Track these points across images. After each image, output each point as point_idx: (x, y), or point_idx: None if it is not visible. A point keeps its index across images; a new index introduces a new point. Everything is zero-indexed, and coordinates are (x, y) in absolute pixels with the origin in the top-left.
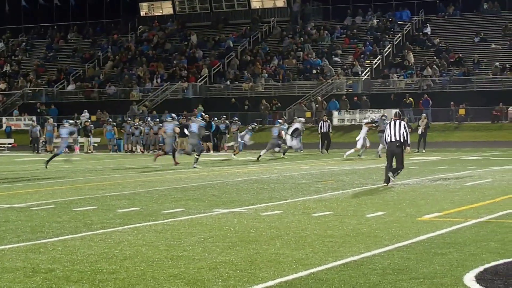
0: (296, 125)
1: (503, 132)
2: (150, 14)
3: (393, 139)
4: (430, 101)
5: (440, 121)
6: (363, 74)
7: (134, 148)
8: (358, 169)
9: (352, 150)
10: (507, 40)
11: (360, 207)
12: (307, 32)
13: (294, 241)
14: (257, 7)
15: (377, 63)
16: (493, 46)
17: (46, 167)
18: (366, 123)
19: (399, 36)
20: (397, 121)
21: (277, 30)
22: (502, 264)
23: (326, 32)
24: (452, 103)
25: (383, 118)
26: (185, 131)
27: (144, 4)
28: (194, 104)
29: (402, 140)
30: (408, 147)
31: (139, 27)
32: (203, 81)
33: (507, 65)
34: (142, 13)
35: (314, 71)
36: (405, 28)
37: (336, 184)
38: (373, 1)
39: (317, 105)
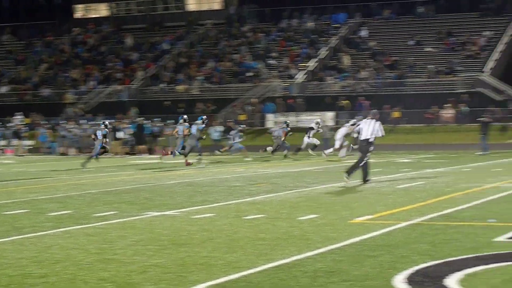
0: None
1: (436, 135)
2: (86, 16)
3: (362, 138)
4: (365, 104)
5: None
6: (298, 77)
7: (67, 151)
8: (291, 172)
9: (331, 150)
10: (442, 44)
11: (293, 209)
12: (243, 35)
13: (226, 244)
14: (193, 9)
15: (312, 66)
16: (427, 49)
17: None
18: (351, 126)
19: (336, 39)
20: (372, 121)
21: (213, 33)
22: (432, 266)
23: (262, 34)
24: (386, 106)
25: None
26: (117, 134)
27: (79, 6)
28: (129, 107)
29: (371, 139)
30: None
31: (75, 29)
32: (138, 84)
33: (441, 69)
34: (78, 15)
35: (250, 74)
36: (341, 31)
37: (269, 186)
38: (310, 4)
39: (252, 108)
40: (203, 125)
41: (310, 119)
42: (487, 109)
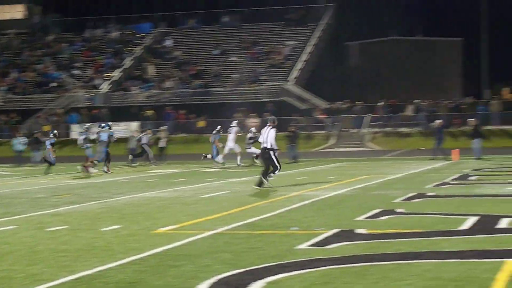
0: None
1: (242, 144)
2: None
3: (263, 146)
4: (172, 114)
5: (180, 134)
6: (103, 87)
7: None
8: (95, 182)
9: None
10: (246, 53)
11: (96, 220)
12: (47, 45)
13: (27, 256)
14: None
15: (117, 76)
16: (232, 59)
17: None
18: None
19: (140, 49)
20: (269, 128)
21: (16, 42)
22: (235, 275)
23: (66, 44)
24: (192, 115)
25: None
26: None
27: None
28: None
29: (269, 146)
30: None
31: None
32: None
33: (246, 78)
34: None
35: (54, 84)
36: (145, 41)
37: (73, 198)
38: (114, 13)
39: (56, 118)
40: (113, 131)
41: (115, 129)
42: (293, 117)
